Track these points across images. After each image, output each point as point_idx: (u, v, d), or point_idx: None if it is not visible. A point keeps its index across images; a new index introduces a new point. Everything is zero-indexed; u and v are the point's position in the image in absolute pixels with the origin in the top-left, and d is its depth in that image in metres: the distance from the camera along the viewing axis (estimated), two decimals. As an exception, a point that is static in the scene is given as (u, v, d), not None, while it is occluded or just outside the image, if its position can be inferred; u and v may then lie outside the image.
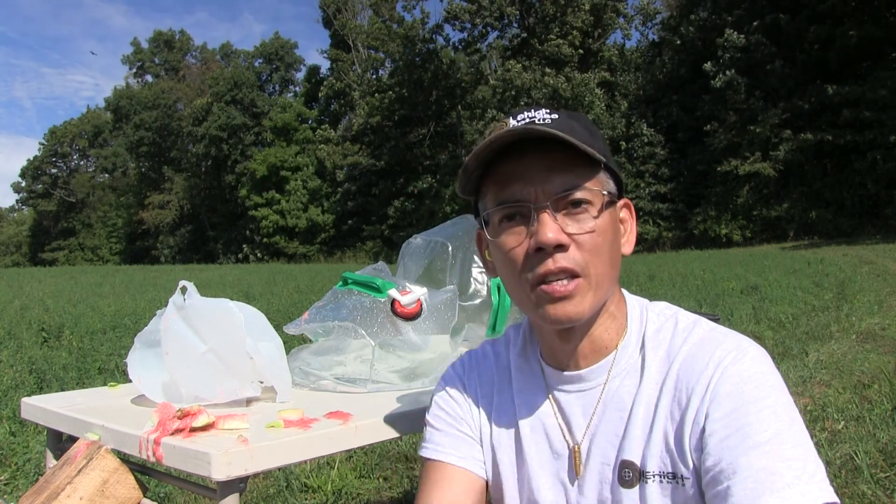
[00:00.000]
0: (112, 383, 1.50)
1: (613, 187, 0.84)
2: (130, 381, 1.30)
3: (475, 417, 0.94)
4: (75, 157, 60.21)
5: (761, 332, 5.86)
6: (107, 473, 1.05)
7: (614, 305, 0.87)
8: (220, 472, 0.92)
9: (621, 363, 0.86)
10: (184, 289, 1.24)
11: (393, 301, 1.44)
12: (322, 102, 44.06)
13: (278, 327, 1.37)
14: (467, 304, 1.60)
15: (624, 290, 0.91)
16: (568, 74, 30.44)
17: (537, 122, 0.80)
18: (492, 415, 0.93)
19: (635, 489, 0.80)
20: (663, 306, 0.91)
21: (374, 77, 40.30)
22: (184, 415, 1.04)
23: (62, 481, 1.03)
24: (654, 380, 0.83)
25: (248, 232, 43.00)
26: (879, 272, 10.70)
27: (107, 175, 57.30)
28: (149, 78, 55.09)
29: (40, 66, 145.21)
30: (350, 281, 1.52)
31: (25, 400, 1.35)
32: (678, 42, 30.09)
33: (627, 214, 0.88)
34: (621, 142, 30.06)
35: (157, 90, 50.48)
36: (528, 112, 0.82)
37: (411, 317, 1.45)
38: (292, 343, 1.72)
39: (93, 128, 57.46)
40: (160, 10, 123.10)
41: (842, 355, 4.85)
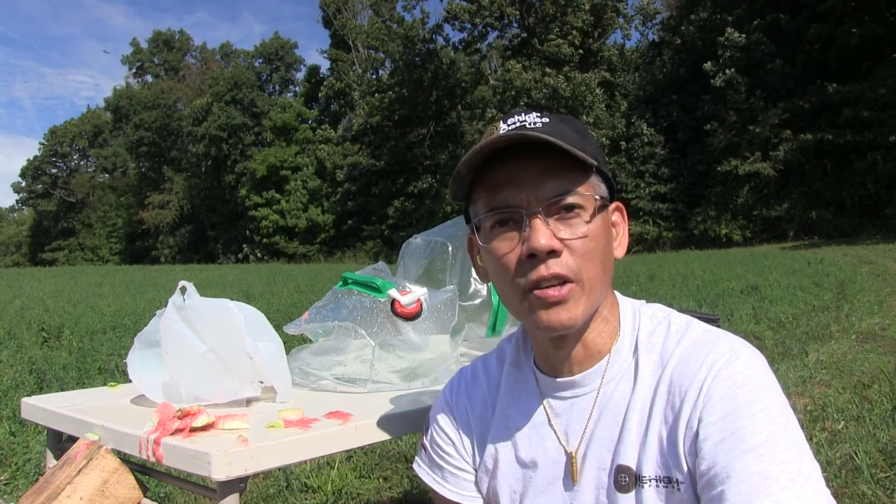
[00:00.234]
0: (112, 383, 1.50)
1: (605, 191, 0.83)
2: (130, 381, 1.30)
3: (467, 447, 0.96)
4: (75, 157, 60.29)
5: (761, 332, 5.86)
6: (107, 473, 1.05)
7: (607, 309, 0.87)
8: (220, 472, 0.92)
9: (615, 367, 0.85)
10: (183, 289, 1.24)
11: (393, 301, 1.44)
12: (322, 102, 44.07)
13: (278, 327, 1.37)
14: (467, 304, 1.60)
15: (617, 293, 0.91)
16: (568, 74, 30.44)
17: (528, 127, 0.79)
18: (487, 432, 0.94)
19: (631, 494, 0.80)
20: (656, 308, 0.91)
21: (374, 77, 40.29)
22: (184, 415, 1.04)
23: (62, 481, 1.03)
24: (648, 383, 0.82)
25: (248, 232, 43.00)
26: (879, 272, 10.70)
27: (107, 175, 57.32)
28: (149, 78, 55.12)
29: (40, 66, 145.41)
30: (350, 281, 1.52)
31: (25, 400, 1.35)
32: (678, 42, 30.09)
33: (619, 218, 0.88)
34: (621, 142, 30.06)
35: (157, 90, 50.48)
36: (519, 116, 0.82)
37: (411, 317, 1.45)
38: (292, 343, 1.72)
39: (93, 128, 57.46)
40: (160, 10, 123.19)
41: (842, 355, 4.85)
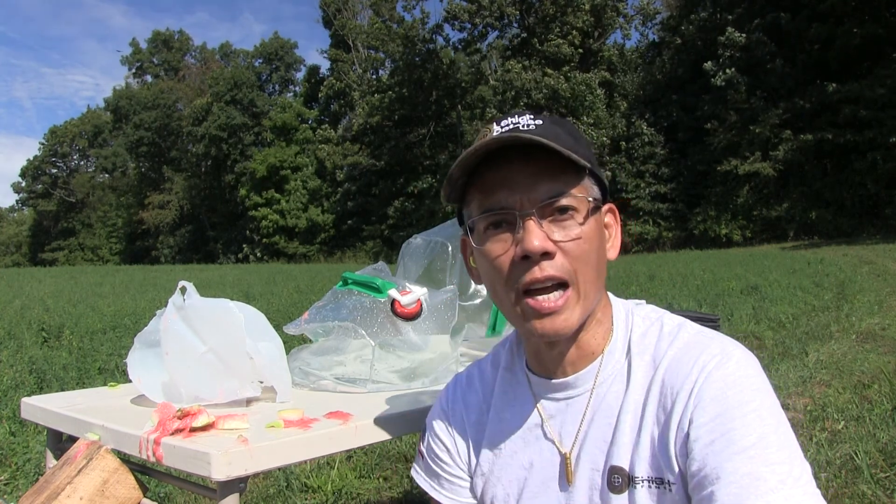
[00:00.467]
0: (112, 383, 1.50)
1: (598, 193, 0.83)
2: (130, 381, 1.30)
3: (462, 454, 0.96)
4: (75, 157, 60.27)
5: (761, 332, 5.86)
6: (107, 473, 1.05)
7: (601, 311, 0.87)
8: (220, 472, 0.92)
9: (608, 368, 0.85)
10: (183, 289, 1.24)
11: (393, 301, 1.44)
12: (322, 102, 44.07)
13: (278, 327, 1.37)
14: (467, 304, 1.60)
15: (610, 294, 0.91)
16: (568, 74, 30.44)
17: (521, 129, 0.79)
18: (483, 437, 0.94)
19: (624, 495, 0.80)
20: (649, 310, 0.91)
21: (374, 77, 40.29)
22: (184, 415, 1.04)
23: (62, 481, 1.03)
24: (641, 384, 0.82)
25: (248, 232, 43.00)
26: (879, 272, 10.70)
27: (107, 175, 57.31)
28: (148, 78, 55.09)
29: (40, 66, 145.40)
30: (350, 281, 1.52)
31: (25, 400, 1.35)
32: (678, 42, 30.09)
33: (612, 219, 0.88)
34: (621, 142, 30.07)
35: (157, 90, 50.47)
36: (513, 118, 0.82)
37: (411, 317, 1.45)
38: (292, 343, 1.72)
39: (93, 128, 57.44)
40: (160, 10, 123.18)
41: (842, 355, 4.85)
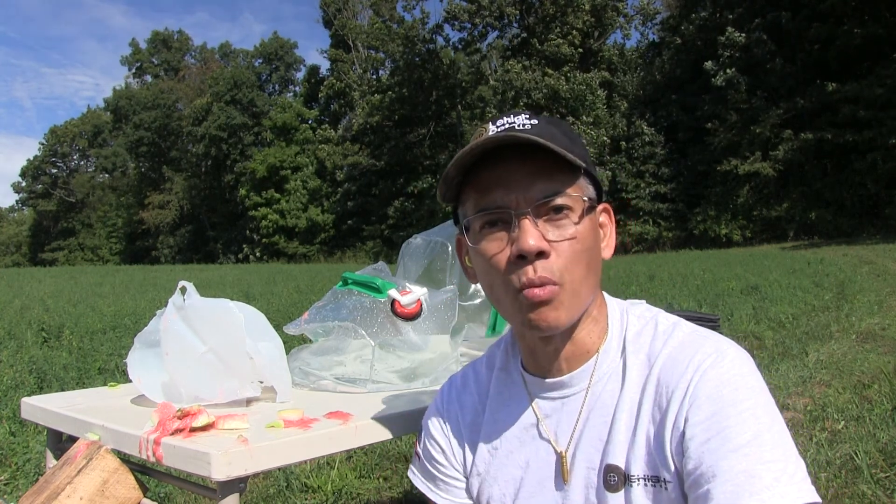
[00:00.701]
0: (112, 383, 1.50)
1: (593, 192, 0.84)
2: (130, 381, 1.30)
3: (458, 455, 0.96)
4: (75, 157, 60.27)
5: (761, 333, 5.86)
6: (107, 473, 1.05)
7: (596, 310, 0.87)
8: (220, 472, 0.92)
9: (603, 367, 0.86)
10: (183, 289, 1.24)
11: (393, 301, 1.44)
12: (322, 102, 44.06)
13: (278, 327, 1.37)
14: (467, 304, 1.60)
15: (604, 293, 0.91)
16: (568, 74, 30.45)
17: (517, 128, 0.80)
18: (478, 438, 0.94)
19: (620, 493, 0.80)
20: (643, 309, 0.92)
21: (374, 77, 40.28)
22: (184, 415, 1.04)
23: (62, 481, 1.03)
24: (636, 383, 0.83)
25: (248, 232, 43.00)
26: (879, 272, 10.70)
27: (107, 175, 57.31)
28: (148, 78, 55.07)
29: (40, 66, 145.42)
30: (350, 281, 1.52)
31: (25, 400, 1.35)
32: (678, 42, 30.10)
33: (607, 219, 0.89)
34: (621, 142, 30.07)
35: (157, 90, 50.46)
36: (508, 118, 0.82)
37: (411, 317, 1.45)
38: (292, 343, 1.72)
39: (93, 128, 57.44)
40: (160, 10, 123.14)
41: (842, 355, 4.85)
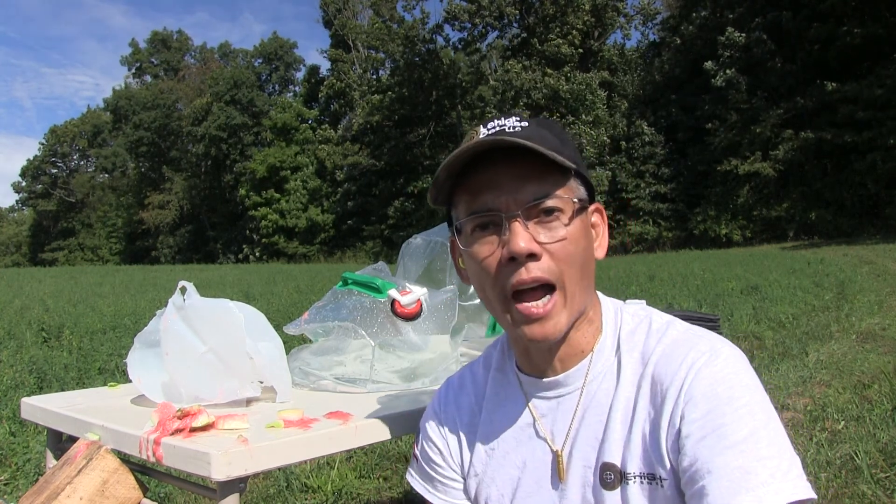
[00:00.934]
0: (112, 383, 1.50)
1: (584, 193, 0.84)
2: (130, 381, 1.30)
3: (455, 456, 0.96)
4: (75, 157, 60.24)
5: (761, 332, 5.86)
6: (107, 473, 1.05)
7: (591, 310, 0.87)
8: (220, 472, 0.92)
9: (598, 366, 0.86)
10: (183, 289, 1.24)
11: (393, 301, 1.44)
12: (322, 102, 44.05)
13: (278, 327, 1.37)
14: (467, 304, 1.60)
15: (599, 293, 0.91)
16: (568, 74, 30.45)
17: (507, 131, 0.80)
18: (475, 438, 0.94)
19: (617, 491, 0.80)
20: (637, 308, 0.92)
21: (374, 77, 40.27)
22: (184, 415, 1.04)
23: (62, 481, 1.03)
24: (631, 381, 0.83)
25: (248, 232, 42.99)
26: (879, 272, 10.70)
27: (107, 175, 57.29)
28: (148, 78, 55.04)
29: (40, 66, 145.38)
30: (350, 281, 1.52)
31: (25, 400, 1.35)
32: (678, 42, 30.09)
33: (599, 219, 0.89)
34: (621, 142, 30.07)
35: (157, 90, 50.44)
36: (499, 120, 0.83)
37: (411, 317, 1.45)
38: (292, 343, 1.72)
39: (92, 128, 57.41)
40: (160, 10, 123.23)
41: (842, 355, 4.85)
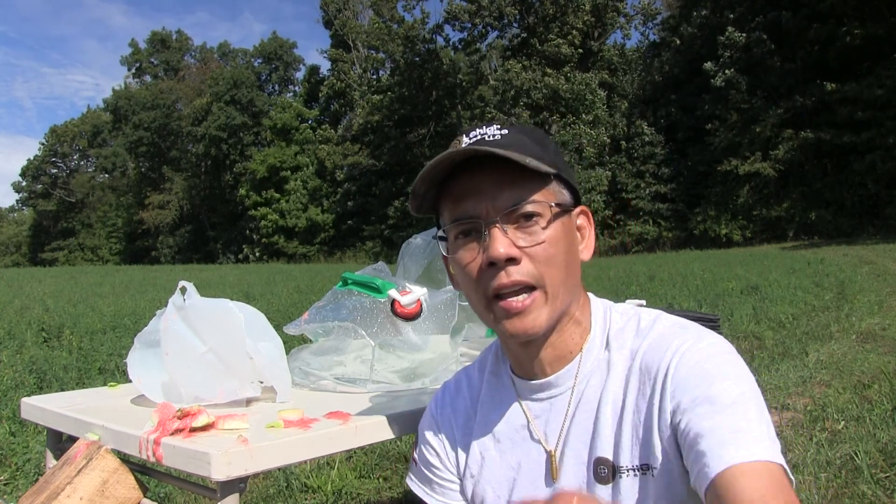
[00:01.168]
0: (112, 383, 1.50)
1: (567, 197, 0.85)
2: (130, 381, 1.30)
3: (451, 458, 0.97)
4: (75, 157, 60.22)
5: (761, 332, 5.86)
6: (107, 473, 1.05)
7: (579, 311, 0.88)
8: (220, 472, 0.92)
9: (587, 365, 0.87)
10: (183, 289, 1.24)
11: (393, 301, 1.44)
12: (322, 102, 44.05)
13: (278, 327, 1.37)
14: (467, 304, 1.59)
15: (590, 294, 0.92)
16: (568, 74, 30.45)
17: (487, 140, 0.82)
18: (471, 440, 0.95)
19: (611, 485, 0.82)
20: (626, 306, 0.93)
21: (375, 77, 40.26)
22: (184, 415, 1.04)
23: (62, 481, 1.03)
24: (620, 376, 0.85)
25: (248, 232, 42.98)
26: (879, 272, 10.70)
27: (106, 175, 57.28)
28: (147, 78, 55.03)
29: (40, 66, 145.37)
30: (350, 281, 1.52)
31: (25, 400, 1.35)
32: (678, 42, 30.10)
33: (585, 221, 0.90)
34: (621, 141, 30.08)
35: (156, 90, 50.43)
36: (480, 129, 0.84)
37: (411, 317, 1.45)
38: (292, 343, 1.72)
39: (92, 128, 57.40)
40: (161, 10, 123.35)
41: (842, 355, 4.85)
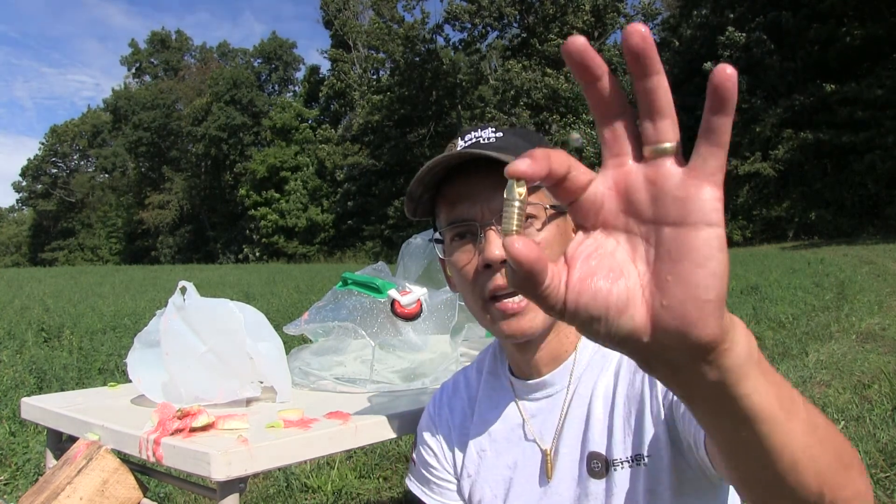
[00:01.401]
0: (112, 383, 1.50)
1: None
2: (130, 381, 1.30)
3: (449, 458, 0.98)
4: (75, 157, 60.19)
5: (761, 333, 5.85)
6: (107, 473, 1.05)
7: None
8: (220, 472, 0.92)
9: (581, 364, 0.89)
10: (183, 289, 1.24)
11: (393, 301, 1.44)
12: (322, 102, 44.05)
13: (278, 327, 1.37)
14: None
15: None
16: (568, 74, 30.43)
17: (481, 143, 0.83)
18: (468, 440, 0.96)
19: (604, 479, 0.82)
20: None
21: (375, 77, 40.26)
22: (184, 415, 1.04)
23: (62, 481, 1.03)
24: (611, 372, 0.86)
25: (248, 232, 42.98)
26: (879, 272, 10.69)
27: (106, 175, 57.27)
28: (147, 78, 55.01)
29: (40, 66, 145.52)
30: (350, 281, 1.52)
31: (25, 400, 1.35)
32: (678, 42, 30.10)
33: None
34: (621, 142, 30.07)
35: (156, 90, 50.42)
36: (475, 132, 0.85)
37: (411, 317, 1.45)
38: (292, 343, 1.72)
39: (92, 128, 57.39)
40: (161, 10, 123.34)
41: (842, 355, 4.85)
